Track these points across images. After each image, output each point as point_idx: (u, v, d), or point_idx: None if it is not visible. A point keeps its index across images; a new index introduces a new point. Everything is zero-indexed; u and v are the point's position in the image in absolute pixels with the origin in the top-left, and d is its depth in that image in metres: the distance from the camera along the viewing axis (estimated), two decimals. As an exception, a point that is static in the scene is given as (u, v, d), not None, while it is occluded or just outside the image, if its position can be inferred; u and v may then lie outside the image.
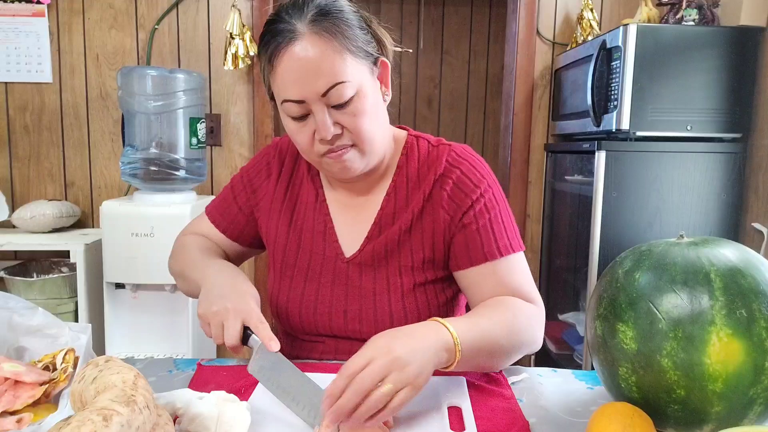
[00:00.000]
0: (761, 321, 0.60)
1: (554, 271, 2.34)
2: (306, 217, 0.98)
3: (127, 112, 1.99)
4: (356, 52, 0.82)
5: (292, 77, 0.80)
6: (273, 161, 1.02)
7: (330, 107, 0.81)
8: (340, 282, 0.94)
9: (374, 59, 0.86)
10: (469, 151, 0.97)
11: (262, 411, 0.72)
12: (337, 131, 0.82)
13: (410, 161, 0.96)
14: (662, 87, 1.79)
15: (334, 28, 0.80)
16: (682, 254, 0.66)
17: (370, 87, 0.85)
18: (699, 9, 1.94)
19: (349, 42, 0.81)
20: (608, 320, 0.68)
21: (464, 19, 3.61)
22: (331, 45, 0.79)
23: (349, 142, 0.84)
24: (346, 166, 0.86)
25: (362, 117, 0.82)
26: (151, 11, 2.25)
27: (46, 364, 0.73)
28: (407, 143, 0.97)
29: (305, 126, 0.83)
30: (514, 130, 2.37)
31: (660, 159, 1.82)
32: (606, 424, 0.61)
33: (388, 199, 0.94)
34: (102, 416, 0.51)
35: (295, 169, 1.01)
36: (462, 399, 0.76)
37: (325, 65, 0.79)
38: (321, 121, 0.81)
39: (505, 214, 0.93)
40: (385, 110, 0.90)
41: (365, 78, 0.83)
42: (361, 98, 0.82)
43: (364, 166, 0.88)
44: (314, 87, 0.79)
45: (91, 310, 2.00)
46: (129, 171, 1.97)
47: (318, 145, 0.84)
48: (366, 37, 0.84)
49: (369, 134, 0.84)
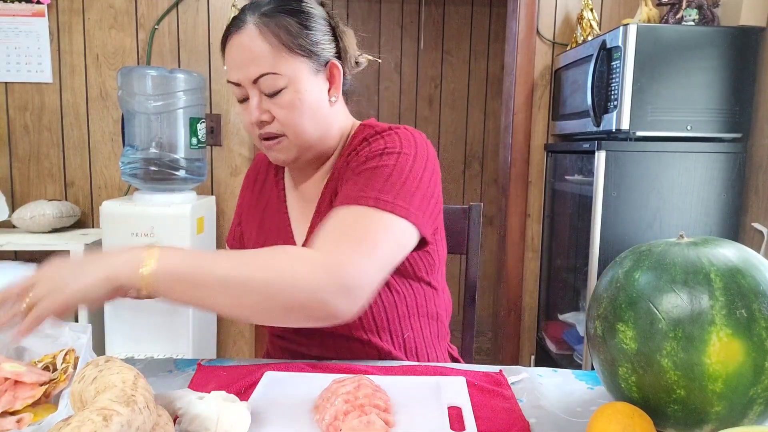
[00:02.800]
0: (761, 321, 0.60)
1: (554, 271, 2.34)
2: (271, 219, 1.03)
3: (127, 112, 1.99)
4: (296, 49, 0.88)
5: (233, 62, 0.89)
6: (251, 174, 1.12)
7: (264, 95, 0.88)
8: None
9: (324, 60, 0.91)
10: (403, 129, 0.92)
11: (262, 411, 0.73)
12: (265, 117, 0.89)
13: (351, 147, 0.96)
14: (662, 87, 1.79)
15: (279, 22, 0.87)
16: (682, 254, 0.66)
17: (308, 84, 0.89)
18: (699, 9, 1.94)
19: (291, 38, 0.87)
20: (608, 320, 0.68)
21: (465, 19, 3.61)
22: (268, 38, 0.86)
23: (276, 130, 0.90)
24: (276, 156, 0.93)
25: (291, 110, 0.88)
26: (151, 11, 2.25)
27: (46, 364, 0.73)
28: (356, 132, 0.98)
29: (246, 109, 0.91)
30: (514, 130, 2.37)
31: (660, 159, 1.82)
32: (606, 424, 0.61)
33: (327, 186, 0.97)
34: (102, 416, 0.51)
35: (267, 177, 1.08)
36: (462, 399, 0.76)
37: (258, 55, 0.86)
38: (251, 105, 0.89)
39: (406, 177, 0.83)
40: (328, 108, 0.93)
41: (302, 75, 0.88)
42: (292, 92, 0.88)
43: (294, 155, 0.93)
44: (247, 73, 0.87)
45: (91, 310, 2.00)
46: (129, 171, 1.97)
47: (254, 129, 0.91)
48: (322, 38, 0.90)
49: (297, 128, 0.90)
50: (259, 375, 0.83)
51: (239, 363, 0.90)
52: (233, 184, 2.34)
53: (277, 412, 0.73)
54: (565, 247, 2.24)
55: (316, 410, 0.72)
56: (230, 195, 2.35)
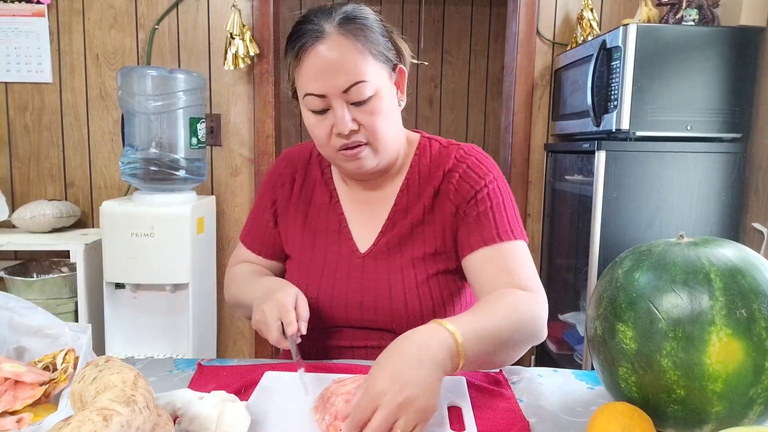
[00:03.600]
0: (761, 321, 0.60)
1: (554, 270, 2.34)
2: (320, 217, 1.03)
3: (127, 112, 1.99)
4: (377, 55, 0.89)
5: (316, 73, 0.86)
6: (285, 171, 1.08)
7: (349, 104, 0.87)
8: (356, 275, 0.97)
9: (393, 65, 0.93)
10: (477, 149, 1.02)
11: (262, 411, 0.73)
12: (354, 127, 0.88)
13: (422, 160, 1.01)
14: (662, 87, 1.79)
15: (358, 31, 0.87)
16: (682, 254, 0.66)
17: (388, 90, 0.91)
18: (699, 9, 1.94)
19: (372, 46, 0.88)
20: (608, 320, 0.68)
21: (465, 19, 3.62)
22: (355, 46, 0.86)
23: (364, 139, 0.90)
24: (359, 163, 0.92)
25: (378, 116, 0.88)
26: (151, 11, 2.25)
27: (46, 364, 0.73)
28: (420, 144, 1.03)
29: (324, 120, 0.89)
30: (514, 130, 2.37)
31: (660, 159, 1.82)
32: (606, 424, 0.61)
33: (401, 195, 1.00)
34: (102, 416, 0.51)
35: (307, 174, 1.07)
36: (462, 399, 0.76)
37: (348, 64, 0.85)
38: (340, 116, 0.87)
39: (509, 205, 0.97)
40: (399, 114, 0.96)
41: (384, 81, 0.90)
42: (378, 99, 0.88)
43: (376, 163, 0.93)
44: (336, 83, 0.85)
45: (91, 310, 2.00)
46: (129, 171, 1.97)
47: (335, 140, 0.89)
48: (387, 44, 0.91)
49: (383, 133, 0.90)
50: (259, 375, 0.83)
51: (239, 363, 0.90)
52: (233, 184, 2.34)
53: (277, 412, 0.73)
54: (565, 247, 2.24)
55: (316, 410, 0.72)
56: (230, 195, 2.35)
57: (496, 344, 0.78)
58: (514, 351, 0.83)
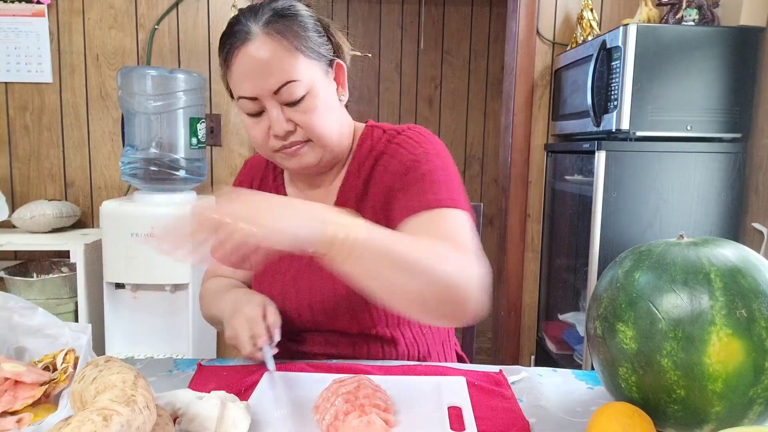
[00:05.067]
0: (761, 321, 0.60)
1: (554, 271, 2.34)
2: None
3: (127, 112, 1.99)
4: (308, 53, 0.86)
5: (245, 75, 0.84)
6: (245, 179, 1.09)
7: (283, 104, 0.86)
8: (305, 277, 0.95)
9: (329, 61, 0.90)
10: (417, 128, 0.97)
11: (262, 411, 0.73)
12: (290, 127, 0.86)
13: (362, 150, 0.98)
14: (662, 87, 1.79)
15: (286, 30, 0.85)
16: (682, 254, 0.66)
17: (323, 86, 0.88)
18: (699, 9, 1.94)
19: (301, 42, 0.85)
20: (608, 320, 0.68)
21: (465, 19, 3.61)
22: (283, 45, 0.84)
23: (302, 138, 0.88)
24: (300, 160, 0.90)
25: (313, 114, 0.86)
26: (151, 11, 2.25)
27: (46, 364, 0.73)
28: (363, 134, 1.00)
29: (260, 122, 0.87)
30: (514, 130, 2.37)
31: (660, 159, 1.82)
32: (606, 424, 0.61)
33: (343, 188, 0.97)
34: (102, 416, 0.51)
35: (262, 181, 1.06)
36: (462, 399, 0.76)
37: (276, 64, 0.83)
38: (274, 117, 0.85)
39: (448, 173, 0.90)
40: (341, 108, 0.94)
41: (317, 78, 0.87)
42: (312, 97, 0.86)
43: (318, 159, 0.91)
44: (266, 84, 0.84)
45: (91, 310, 2.00)
46: (129, 171, 1.97)
47: (273, 141, 0.88)
48: (321, 39, 0.89)
49: (321, 130, 0.88)
50: (259, 375, 0.83)
51: (239, 363, 0.90)
52: (233, 184, 2.34)
53: (277, 412, 0.73)
54: (565, 247, 2.24)
55: (316, 410, 0.72)
56: (230, 195, 2.35)
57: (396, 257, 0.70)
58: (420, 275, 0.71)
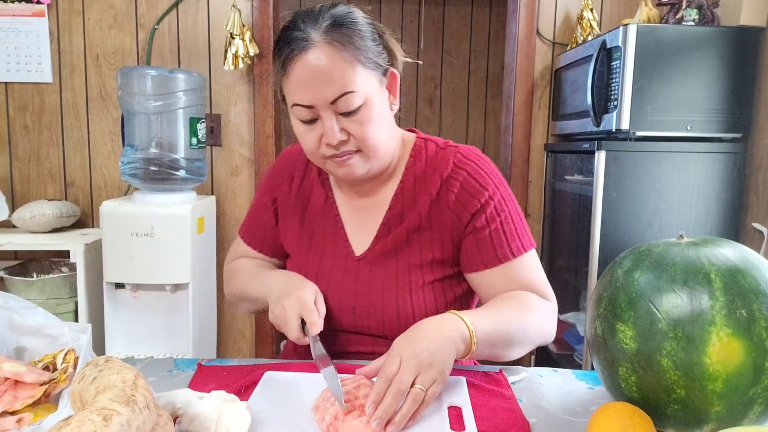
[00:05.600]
0: (761, 321, 0.60)
1: (554, 270, 2.34)
2: (316, 218, 1.02)
3: (127, 112, 1.99)
4: (366, 63, 0.86)
5: (303, 83, 0.84)
6: (284, 170, 1.07)
7: (338, 114, 0.85)
8: (350, 279, 0.96)
9: (384, 70, 0.90)
10: (476, 153, 1.00)
11: (262, 411, 0.73)
12: (343, 137, 0.86)
13: (417, 163, 0.99)
14: (662, 87, 1.79)
15: (346, 39, 0.84)
16: (682, 254, 0.66)
17: (378, 96, 0.88)
18: (699, 9, 1.94)
19: (360, 53, 0.85)
20: (608, 320, 0.68)
21: (465, 19, 3.62)
22: (343, 55, 0.83)
23: (354, 148, 0.88)
24: (350, 170, 0.90)
25: (368, 125, 0.86)
26: (151, 11, 2.25)
27: (46, 364, 0.73)
28: (415, 146, 1.01)
29: (313, 130, 0.87)
30: (514, 130, 2.37)
31: (660, 159, 1.82)
32: (606, 424, 0.61)
33: (396, 199, 0.98)
34: (102, 416, 0.51)
35: (306, 174, 1.05)
36: (462, 399, 0.76)
37: (336, 74, 0.83)
38: (329, 127, 0.85)
39: (515, 214, 0.96)
40: (392, 118, 0.94)
41: (373, 88, 0.87)
42: (368, 107, 0.86)
43: (367, 169, 0.91)
44: (324, 94, 0.83)
45: (91, 310, 2.00)
46: (129, 171, 1.97)
47: (324, 149, 0.88)
48: (377, 48, 0.88)
49: (373, 141, 0.88)
50: (259, 375, 0.83)
51: (239, 363, 0.90)
52: (233, 184, 2.34)
53: (277, 412, 0.73)
54: (565, 247, 2.24)
55: (316, 410, 0.72)
56: (230, 195, 2.35)
57: (505, 340, 0.84)
58: (522, 349, 0.88)
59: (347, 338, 0.98)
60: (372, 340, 0.96)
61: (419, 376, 0.71)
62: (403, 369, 0.71)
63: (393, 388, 0.69)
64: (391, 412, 0.68)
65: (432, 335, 0.75)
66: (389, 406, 0.68)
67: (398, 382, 0.69)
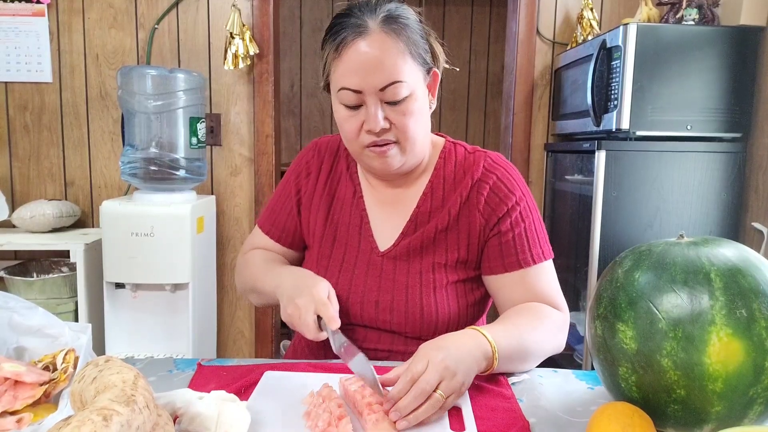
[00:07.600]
0: (761, 321, 0.60)
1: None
2: (343, 211, 1.03)
3: (126, 112, 1.99)
4: (416, 56, 0.89)
5: (355, 68, 0.86)
6: (312, 161, 1.07)
7: (383, 102, 0.87)
8: (374, 274, 0.97)
9: (428, 68, 0.93)
10: (504, 159, 1.03)
11: (262, 411, 0.72)
12: (385, 126, 0.88)
13: (447, 164, 1.01)
14: (662, 87, 1.79)
15: (400, 30, 0.87)
16: (682, 254, 0.66)
17: (422, 92, 0.91)
18: (699, 9, 1.94)
19: (412, 46, 0.88)
20: (608, 320, 0.68)
21: (465, 19, 3.61)
22: (396, 45, 0.86)
23: (393, 138, 0.90)
24: (386, 161, 0.92)
25: (410, 117, 0.89)
26: (151, 11, 2.25)
27: (46, 364, 0.73)
28: (445, 148, 1.03)
29: (356, 116, 0.89)
30: (514, 129, 2.37)
31: (660, 159, 1.82)
32: (606, 424, 0.61)
33: (425, 198, 1.00)
34: (102, 416, 0.51)
35: (334, 166, 1.06)
36: (462, 399, 0.76)
37: (388, 63, 0.85)
38: (373, 113, 0.87)
39: (538, 222, 0.98)
40: (429, 117, 0.96)
41: (419, 82, 0.90)
42: (412, 100, 0.88)
43: (402, 163, 0.93)
44: (374, 81, 0.85)
45: (91, 309, 2.00)
46: (129, 171, 1.97)
47: (364, 136, 0.90)
48: (425, 46, 0.92)
49: (413, 134, 0.90)
50: (259, 375, 0.83)
51: (239, 363, 0.90)
52: (233, 184, 2.34)
53: (276, 411, 0.73)
54: (565, 246, 2.24)
55: (307, 416, 0.70)
56: (230, 194, 2.35)
57: (522, 355, 0.86)
58: (535, 362, 0.90)
59: (365, 334, 0.98)
60: (391, 337, 0.97)
61: (443, 383, 0.71)
62: (430, 370, 0.71)
63: (418, 387, 0.69)
64: (410, 409, 0.68)
65: (460, 348, 0.76)
66: (410, 404, 0.68)
67: (424, 382, 0.69)
